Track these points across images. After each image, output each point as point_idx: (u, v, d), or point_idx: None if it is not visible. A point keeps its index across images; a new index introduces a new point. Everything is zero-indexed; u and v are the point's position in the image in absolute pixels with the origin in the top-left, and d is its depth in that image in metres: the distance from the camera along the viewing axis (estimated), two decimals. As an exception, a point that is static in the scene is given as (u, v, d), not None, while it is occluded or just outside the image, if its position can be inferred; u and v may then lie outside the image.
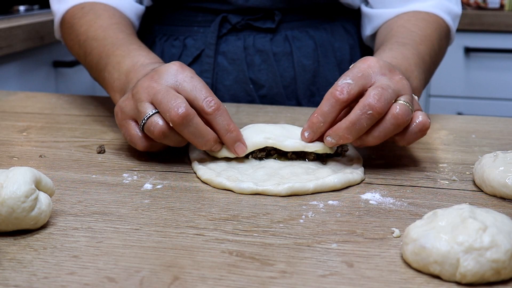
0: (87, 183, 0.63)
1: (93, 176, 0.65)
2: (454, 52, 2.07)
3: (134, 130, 0.66)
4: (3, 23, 1.36)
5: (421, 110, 0.66)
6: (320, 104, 0.64)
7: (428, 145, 0.77)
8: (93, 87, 1.76)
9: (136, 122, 0.66)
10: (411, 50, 0.79)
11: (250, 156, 0.68)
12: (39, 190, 0.51)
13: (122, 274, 0.45)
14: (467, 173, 0.67)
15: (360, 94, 0.63)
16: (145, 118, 0.64)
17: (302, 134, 0.66)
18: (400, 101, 0.63)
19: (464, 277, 0.43)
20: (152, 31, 1.04)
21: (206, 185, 0.62)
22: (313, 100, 1.01)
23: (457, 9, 0.95)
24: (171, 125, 0.62)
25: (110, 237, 0.50)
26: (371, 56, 0.67)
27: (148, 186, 0.62)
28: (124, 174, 0.65)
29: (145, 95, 0.64)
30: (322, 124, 0.64)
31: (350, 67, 0.66)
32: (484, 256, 0.43)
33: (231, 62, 0.98)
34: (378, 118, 0.62)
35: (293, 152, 0.67)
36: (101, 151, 0.72)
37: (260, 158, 0.68)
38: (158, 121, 0.63)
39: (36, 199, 0.50)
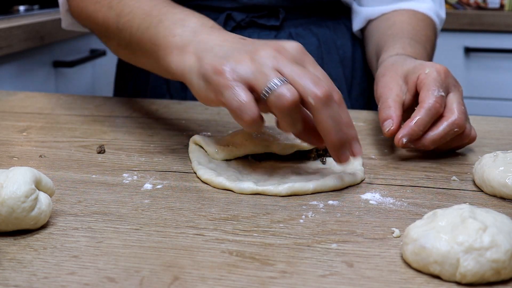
0: (87, 183, 0.63)
1: (93, 176, 0.65)
2: (454, 52, 2.08)
3: (247, 95, 0.56)
4: (3, 23, 1.36)
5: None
6: (419, 112, 0.67)
7: (428, 145, 0.77)
8: (93, 87, 1.76)
9: (248, 89, 0.56)
10: (422, 48, 0.82)
11: (249, 157, 0.68)
12: (39, 190, 0.51)
13: (122, 274, 0.45)
14: (467, 173, 0.67)
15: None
16: (276, 83, 0.55)
17: (399, 139, 0.66)
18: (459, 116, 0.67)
19: (464, 277, 0.43)
20: None
21: (206, 185, 0.62)
22: None
23: (443, 14, 0.99)
24: (312, 102, 0.55)
25: (110, 237, 0.50)
26: (435, 63, 0.71)
27: (148, 186, 0.62)
28: (124, 174, 0.65)
29: (273, 61, 0.56)
30: (420, 132, 0.67)
31: (426, 72, 0.69)
32: (484, 256, 0.43)
33: None
34: (460, 134, 0.68)
35: (293, 152, 0.68)
36: (101, 151, 0.72)
37: (260, 159, 0.68)
38: (292, 91, 0.54)
39: (36, 199, 0.50)
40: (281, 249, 0.48)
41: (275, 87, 0.55)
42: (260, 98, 0.56)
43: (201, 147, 0.70)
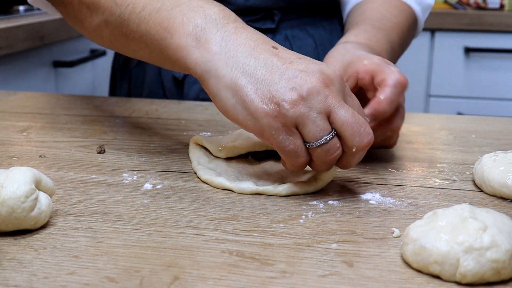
0: (87, 183, 0.63)
1: (93, 176, 0.65)
2: (454, 52, 2.08)
3: (300, 140, 0.55)
4: (3, 23, 1.36)
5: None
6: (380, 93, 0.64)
7: (428, 145, 0.77)
8: (93, 87, 1.76)
9: (298, 128, 0.55)
10: (384, 36, 0.80)
11: (249, 156, 0.68)
12: (39, 190, 0.51)
13: (122, 274, 0.45)
14: (467, 173, 0.67)
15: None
16: (328, 139, 0.54)
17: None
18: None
19: (464, 277, 0.43)
20: None
21: (206, 185, 0.62)
22: None
23: (430, 0, 0.97)
24: (354, 151, 0.55)
25: (110, 237, 0.50)
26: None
27: (148, 186, 0.62)
28: (124, 174, 0.65)
29: (324, 104, 0.54)
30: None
31: (365, 62, 0.67)
32: (484, 256, 0.43)
33: None
34: (403, 90, 0.65)
35: None
36: (101, 151, 0.72)
37: (260, 158, 0.68)
38: (339, 145, 0.55)
39: (36, 199, 0.50)
40: (281, 249, 0.48)
41: (324, 141, 0.54)
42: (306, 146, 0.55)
43: (202, 146, 0.70)
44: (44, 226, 0.52)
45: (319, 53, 1.00)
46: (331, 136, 0.54)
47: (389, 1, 0.91)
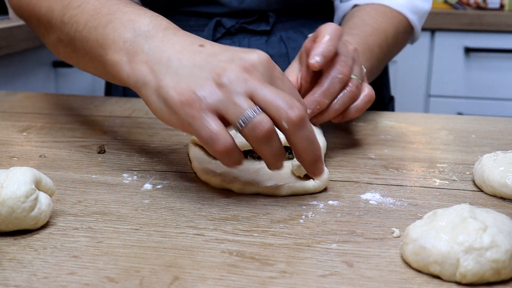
0: (87, 183, 0.63)
1: (93, 176, 0.65)
2: (454, 52, 2.08)
3: (218, 125, 0.53)
4: (3, 23, 1.36)
5: (367, 82, 0.71)
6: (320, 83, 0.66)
7: (428, 145, 0.77)
8: (93, 87, 1.76)
9: (218, 117, 0.53)
10: (357, 39, 0.82)
11: (248, 156, 0.68)
12: (39, 190, 0.51)
13: (122, 274, 0.45)
14: (467, 173, 0.67)
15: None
16: (250, 115, 0.52)
17: (310, 60, 0.65)
18: (352, 76, 0.68)
19: (464, 277, 0.43)
20: None
21: (206, 185, 0.62)
22: None
23: (425, 6, 0.98)
24: (284, 125, 0.53)
25: (110, 237, 0.50)
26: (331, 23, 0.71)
27: (148, 186, 0.62)
28: (124, 174, 0.65)
29: (243, 86, 0.53)
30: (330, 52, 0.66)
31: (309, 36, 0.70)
32: (484, 256, 0.43)
33: None
34: (345, 82, 0.67)
35: (291, 151, 0.68)
36: (101, 151, 0.72)
37: (259, 158, 0.68)
38: (266, 122, 0.52)
39: (36, 199, 0.50)
40: (281, 249, 0.48)
41: (249, 119, 0.52)
42: (236, 129, 0.53)
43: (201, 146, 0.70)
44: (44, 226, 0.52)
45: None
46: (254, 113, 0.52)
47: (377, 8, 0.93)
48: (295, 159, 0.62)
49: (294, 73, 0.70)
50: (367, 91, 0.69)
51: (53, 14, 0.70)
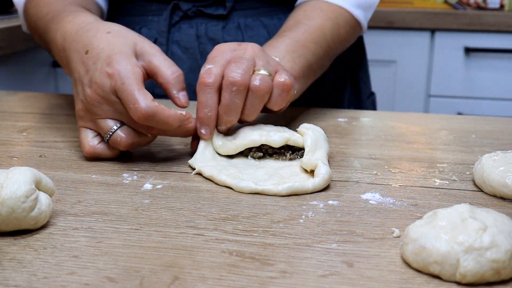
0: (87, 183, 0.63)
1: (93, 176, 0.65)
2: (454, 52, 2.08)
3: (87, 136, 0.69)
4: (3, 23, 1.36)
5: (283, 70, 0.69)
6: (198, 99, 0.67)
7: (428, 145, 0.77)
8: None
9: (92, 130, 0.68)
10: (285, 40, 0.82)
11: (248, 157, 0.68)
12: (39, 190, 0.51)
13: (122, 274, 0.45)
14: (467, 173, 0.67)
15: (223, 75, 0.66)
16: (110, 134, 0.66)
17: (199, 133, 0.67)
18: (258, 72, 0.66)
19: (464, 277, 0.43)
20: (110, 20, 1.02)
21: (206, 185, 0.62)
22: None
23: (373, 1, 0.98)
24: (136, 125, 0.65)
25: (110, 237, 0.50)
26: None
27: (148, 186, 0.62)
28: (124, 174, 0.65)
29: (97, 103, 0.65)
30: (210, 114, 0.66)
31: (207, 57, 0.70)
32: (484, 256, 0.43)
33: (184, 51, 0.98)
34: (245, 90, 0.65)
35: (292, 152, 0.68)
36: None
37: (259, 158, 0.68)
38: (122, 134, 0.66)
39: (36, 199, 0.50)
40: (281, 249, 0.48)
41: (108, 136, 0.66)
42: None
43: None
44: (44, 226, 0.52)
45: None
46: (112, 131, 0.66)
47: (315, 5, 0.92)
48: (305, 156, 0.65)
49: None
50: (280, 80, 0.67)
51: (43, 38, 0.83)
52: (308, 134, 0.66)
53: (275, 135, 0.66)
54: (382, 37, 2.05)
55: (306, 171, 0.64)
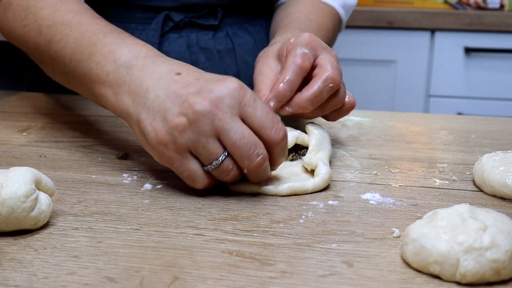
0: (87, 183, 0.63)
1: (93, 176, 0.65)
2: (454, 52, 2.07)
3: (195, 165, 0.57)
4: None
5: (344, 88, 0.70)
6: (283, 73, 0.65)
7: (428, 145, 0.77)
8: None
9: (193, 154, 0.57)
10: (313, 27, 0.83)
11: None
12: (39, 190, 0.51)
13: (122, 274, 0.45)
14: (467, 173, 0.67)
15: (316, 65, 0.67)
16: (218, 163, 0.56)
17: (267, 103, 0.65)
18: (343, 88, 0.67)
19: (464, 277, 0.43)
20: None
21: (206, 185, 0.62)
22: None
23: (353, 1, 1.00)
24: (245, 171, 0.57)
25: (110, 237, 0.50)
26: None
27: (148, 186, 0.62)
28: (124, 174, 0.65)
29: (210, 126, 0.55)
30: (288, 93, 0.65)
31: (291, 41, 0.68)
32: (484, 256, 0.43)
33: None
34: (336, 90, 0.66)
35: (295, 153, 0.68)
36: (123, 156, 0.70)
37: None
38: (232, 166, 0.57)
39: (36, 199, 0.50)
40: (281, 249, 0.48)
41: (217, 164, 0.56)
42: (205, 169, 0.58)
43: None
44: (44, 226, 0.52)
45: (258, 50, 1.00)
46: (222, 158, 0.56)
47: (312, 3, 0.94)
48: (307, 154, 0.65)
49: (272, 72, 0.70)
50: (347, 99, 0.69)
51: (40, 49, 0.73)
52: (315, 134, 0.66)
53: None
54: (382, 37, 2.04)
55: (306, 171, 0.64)
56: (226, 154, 0.56)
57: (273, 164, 0.59)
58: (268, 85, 0.68)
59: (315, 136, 0.66)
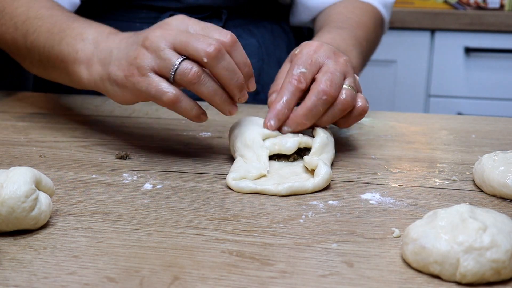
0: (87, 183, 0.63)
1: (93, 176, 0.65)
2: (454, 52, 2.07)
3: (160, 81, 0.62)
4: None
5: (361, 92, 0.70)
6: (280, 93, 0.67)
7: (428, 145, 0.77)
8: (93, 87, 1.75)
9: (158, 73, 0.62)
10: (348, 33, 0.83)
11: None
12: (39, 190, 0.51)
13: (122, 274, 0.45)
14: (467, 173, 0.67)
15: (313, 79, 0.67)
16: (176, 64, 0.61)
17: (267, 122, 0.66)
18: (345, 86, 0.67)
19: (464, 277, 0.43)
20: None
21: (206, 185, 0.62)
22: (258, 97, 1.00)
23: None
24: (204, 60, 0.60)
25: (110, 237, 0.50)
26: (312, 41, 0.71)
27: (148, 186, 0.62)
28: (124, 174, 0.65)
29: (164, 42, 0.61)
30: (286, 111, 0.66)
31: (296, 52, 0.69)
32: (484, 256, 0.43)
33: None
34: (332, 102, 0.66)
35: (297, 155, 0.67)
36: (123, 157, 0.70)
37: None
38: (191, 65, 0.61)
39: (36, 199, 0.50)
40: (281, 249, 0.48)
41: (176, 68, 0.61)
42: (171, 81, 0.62)
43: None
44: (44, 226, 0.52)
45: (262, 53, 1.00)
46: (179, 60, 0.61)
47: (351, 3, 0.94)
48: (309, 155, 0.65)
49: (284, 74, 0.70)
50: (360, 103, 0.68)
51: (17, 43, 0.81)
52: (321, 137, 0.66)
53: (288, 142, 0.66)
54: (382, 37, 2.05)
55: (306, 171, 0.64)
56: (183, 58, 0.61)
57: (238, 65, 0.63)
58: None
59: (320, 139, 0.66)
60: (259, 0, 1.00)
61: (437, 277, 0.45)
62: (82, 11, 0.97)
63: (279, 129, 0.67)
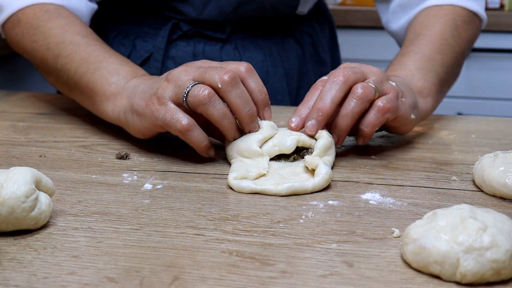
0: (87, 183, 0.63)
1: (93, 176, 0.65)
2: (454, 52, 2.07)
3: (177, 110, 0.64)
4: (3, 23, 1.36)
5: (390, 95, 0.69)
6: (323, 94, 0.67)
7: (428, 145, 0.77)
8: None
9: (175, 102, 0.65)
10: (412, 56, 0.82)
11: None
12: (39, 190, 0.51)
13: (122, 274, 0.45)
14: (467, 173, 0.67)
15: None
16: (189, 87, 0.63)
17: (308, 123, 0.66)
18: (364, 83, 0.67)
19: (464, 277, 0.43)
20: (104, 26, 1.01)
21: (206, 185, 0.62)
22: None
23: None
24: (219, 85, 0.63)
25: (110, 237, 0.50)
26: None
27: (148, 186, 0.62)
28: (124, 174, 0.65)
29: (185, 74, 0.65)
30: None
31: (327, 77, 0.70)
32: (484, 256, 0.43)
33: None
34: (346, 87, 0.67)
35: (297, 155, 0.67)
36: (122, 157, 0.70)
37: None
38: (203, 87, 0.63)
39: (36, 199, 0.50)
40: (281, 249, 0.48)
41: (188, 89, 0.63)
42: (185, 106, 0.64)
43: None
44: (44, 226, 0.52)
45: (268, 65, 0.99)
46: (192, 84, 0.64)
47: (428, 13, 0.90)
48: (312, 155, 0.65)
49: None
50: (380, 103, 0.67)
51: (47, 62, 0.83)
52: (325, 138, 0.66)
53: (287, 141, 0.65)
54: (382, 37, 2.04)
55: (306, 170, 0.64)
56: (197, 82, 0.64)
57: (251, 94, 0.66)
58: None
59: (324, 141, 0.66)
60: (265, 16, 0.99)
61: (437, 277, 0.45)
62: (98, 15, 0.98)
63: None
